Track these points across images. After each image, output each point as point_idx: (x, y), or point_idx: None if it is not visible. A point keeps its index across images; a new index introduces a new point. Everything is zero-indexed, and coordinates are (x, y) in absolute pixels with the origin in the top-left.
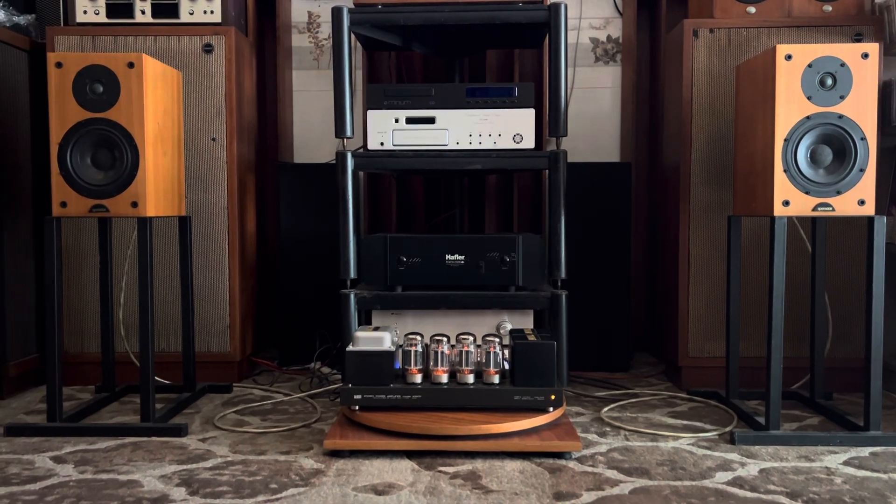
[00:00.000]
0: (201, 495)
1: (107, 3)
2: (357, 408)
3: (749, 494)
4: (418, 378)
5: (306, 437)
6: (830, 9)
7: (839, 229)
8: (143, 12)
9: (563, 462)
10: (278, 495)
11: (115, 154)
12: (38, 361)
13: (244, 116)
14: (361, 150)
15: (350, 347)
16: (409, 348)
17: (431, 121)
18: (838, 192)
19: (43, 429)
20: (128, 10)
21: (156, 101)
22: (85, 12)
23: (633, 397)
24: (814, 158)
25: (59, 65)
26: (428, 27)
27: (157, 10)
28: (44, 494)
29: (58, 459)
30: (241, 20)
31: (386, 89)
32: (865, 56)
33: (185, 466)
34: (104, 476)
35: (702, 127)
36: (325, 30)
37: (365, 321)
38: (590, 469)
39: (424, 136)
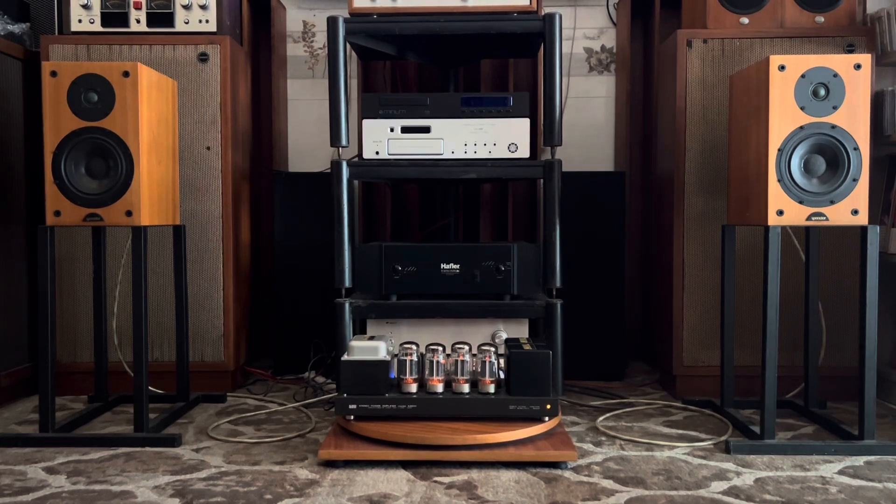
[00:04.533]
0: None
1: (101, 12)
2: (352, 417)
3: None
4: (413, 387)
5: (301, 447)
6: (823, 20)
7: (833, 238)
8: (137, 21)
9: (558, 472)
10: None
11: (110, 163)
12: (31, 371)
13: (239, 125)
14: (357, 159)
15: (345, 357)
16: (405, 357)
17: (427, 130)
18: (832, 202)
19: (35, 439)
20: (122, 19)
21: (150, 110)
22: (80, 21)
23: (629, 406)
24: (807, 168)
25: (53, 73)
26: (423, 37)
27: (152, 19)
28: None
29: (50, 470)
30: (237, 29)
31: (381, 98)
32: (858, 67)
33: (178, 477)
34: (97, 487)
35: (695, 136)
36: (320, 39)
37: (360, 330)
38: (585, 479)
39: (420, 146)
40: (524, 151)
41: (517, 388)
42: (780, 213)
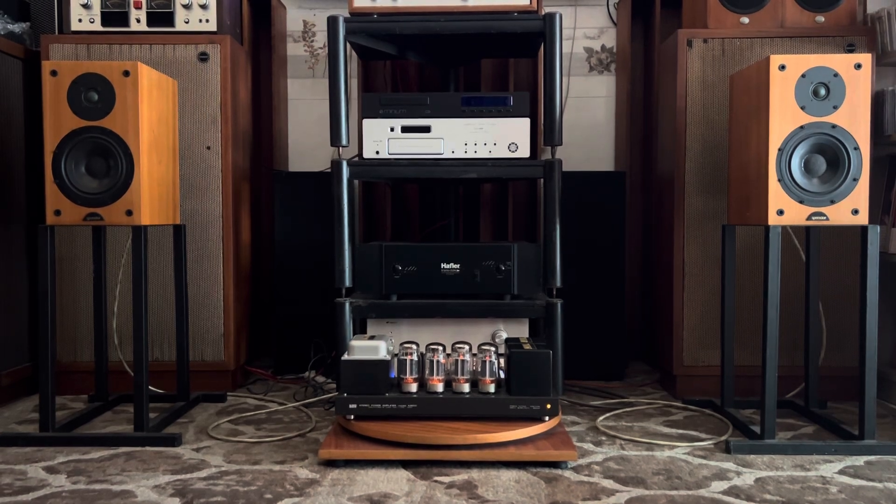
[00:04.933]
0: None
1: (102, 12)
2: (352, 417)
3: None
4: (414, 387)
5: (301, 446)
6: (823, 19)
7: (833, 238)
8: (138, 21)
9: (558, 471)
10: None
11: (110, 162)
12: (31, 371)
13: (239, 125)
14: (357, 159)
15: (345, 356)
16: (405, 357)
17: (427, 130)
18: (832, 202)
19: (35, 438)
20: (123, 19)
21: (151, 110)
22: (80, 20)
23: (629, 406)
24: (808, 168)
25: (53, 73)
26: (423, 36)
27: (153, 19)
28: None
29: (50, 469)
30: (237, 29)
31: (381, 98)
32: (858, 66)
33: (179, 476)
34: (97, 486)
35: (696, 136)
36: (320, 39)
37: (360, 330)
38: (585, 478)
39: (420, 145)
40: (524, 151)
41: (517, 387)
42: (781, 212)
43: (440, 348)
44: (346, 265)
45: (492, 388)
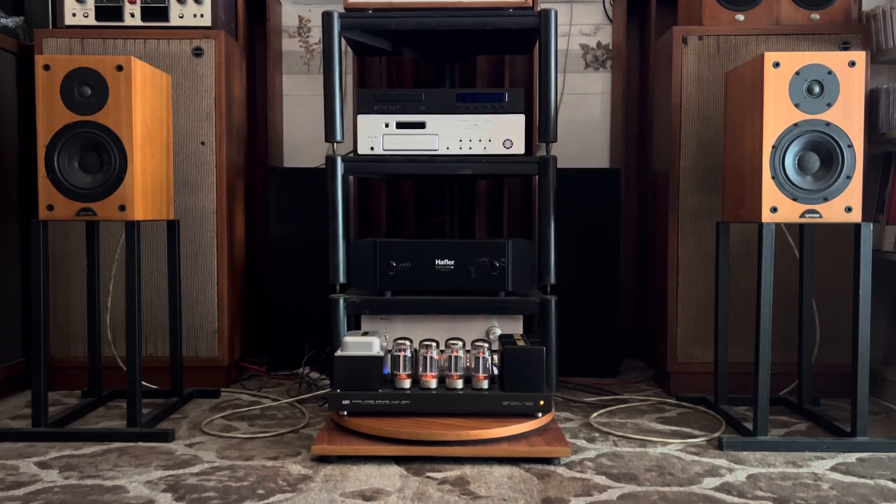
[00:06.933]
0: (188, 501)
1: (96, 6)
2: (345, 413)
3: (737, 500)
4: (407, 383)
5: (294, 442)
6: (818, 17)
7: (827, 236)
8: (132, 15)
9: (551, 468)
10: (265, 501)
11: (103, 157)
12: (24, 366)
13: (234, 120)
14: (351, 155)
15: (339, 352)
16: (398, 353)
17: (422, 126)
18: (825, 199)
19: (28, 434)
20: (117, 13)
21: (144, 105)
22: (74, 15)
23: (622, 403)
24: (801, 165)
25: (46, 67)
26: (419, 32)
27: (147, 14)
28: (28, 500)
29: (42, 465)
30: (232, 24)
31: (376, 94)
32: (852, 64)
33: (171, 472)
34: (89, 482)
35: (691, 133)
36: (316, 34)
37: (354, 326)
38: (578, 475)
39: (415, 141)
40: (519, 148)
41: (511, 383)
42: (774, 210)
43: (434, 344)
44: (341, 261)
45: (485, 385)
